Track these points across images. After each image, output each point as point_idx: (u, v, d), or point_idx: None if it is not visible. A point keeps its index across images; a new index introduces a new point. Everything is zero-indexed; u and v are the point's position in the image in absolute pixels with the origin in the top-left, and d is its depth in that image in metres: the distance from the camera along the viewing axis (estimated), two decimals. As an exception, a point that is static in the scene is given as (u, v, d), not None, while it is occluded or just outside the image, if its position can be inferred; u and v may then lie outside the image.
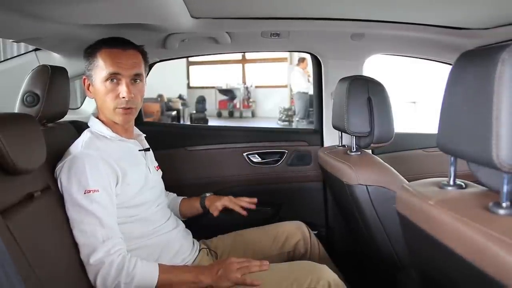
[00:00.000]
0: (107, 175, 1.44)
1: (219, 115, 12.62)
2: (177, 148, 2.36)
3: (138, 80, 1.56)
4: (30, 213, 1.22)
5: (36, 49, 1.96)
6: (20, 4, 1.20)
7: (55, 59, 1.97)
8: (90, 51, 1.56)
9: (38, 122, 1.52)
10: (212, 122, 11.26)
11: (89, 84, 1.57)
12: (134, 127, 1.70)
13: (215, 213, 1.84)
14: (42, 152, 1.30)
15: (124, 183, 1.48)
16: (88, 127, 1.59)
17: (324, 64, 2.37)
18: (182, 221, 1.82)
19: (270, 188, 2.38)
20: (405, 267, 1.63)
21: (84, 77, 1.59)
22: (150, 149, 1.73)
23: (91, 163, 1.41)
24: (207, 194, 1.92)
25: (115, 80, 1.51)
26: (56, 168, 1.45)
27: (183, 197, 1.96)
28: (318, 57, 2.37)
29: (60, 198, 1.41)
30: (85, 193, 1.37)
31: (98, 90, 1.54)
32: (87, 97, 2.36)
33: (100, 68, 1.51)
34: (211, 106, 12.15)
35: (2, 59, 2.70)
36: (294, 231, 1.90)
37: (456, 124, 0.89)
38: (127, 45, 1.56)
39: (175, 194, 1.97)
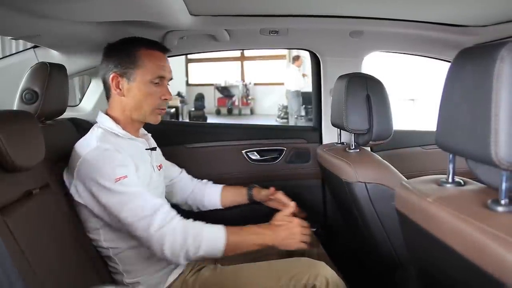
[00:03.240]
0: (128, 161, 1.45)
1: (218, 112, 12.62)
2: (175, 145, 2.36)
3: (168, 84, 1.62)
4: (28, 210, 1.22)
5: (34, 47, 1.95)
6: (18, 1, 1.20)
7: (54, 56, 1.96)
8: (128, 50, 1.55)
9: (37, 119, 1.52)
10: (211, 120, 11.27)
11: (119, 82, 1.54)
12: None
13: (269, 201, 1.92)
14: (40, 150, 1.30)
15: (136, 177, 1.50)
16: (89, 124, 1.59)
17: (323, 61, 2.37)
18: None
19: (268, 185, 2.37)
20: (403, 264, 1.63)
21: (113, 74, 1.54)
22: (157, 148, 1.74)
23: (111, 155, 1.42)
24: (252, 185, 1.96)
25: (159, 82, 1.55)
26: (74, 163, 1.44)
27: (222, 185, 1.97)
28: (317, 54, 2.37)
29: (59, 196, 1.41)
30: (116, 182, 1.38)
31: (137, 90, 1.54)
32: (85, 95, 2.36)
33: (145, 69, 1.52)
34: (210, 103, 12.15)
35: (1, 57, 2.70)
36: None
37: (454, 121, 0.90)
38: (164, 48, 1.61)
39: (210, 182, 1.99)
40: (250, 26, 2.04)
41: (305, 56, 8.85)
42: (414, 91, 7.92)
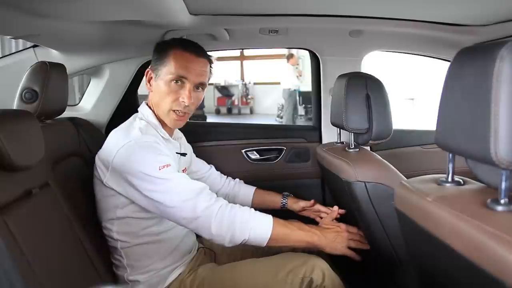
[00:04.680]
0: (169, 154, 1.49)
1: (218, 111, 12.61)
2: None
3: (200, 89, 1.60)
4: (28, 210, 1.22)
5: (34, 46, 1.95)
6: (18, 1, 1.19)
7: (54, 55, 1.96)
8: (163, 47, 1.58)
9: (37, 118, 1.51)
10: (210, 119, 11.26)
11: (151, 78, 1.59)
12: (177, 129, 1.73)
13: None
14: (40, 149, 1.30)
15: None
16: (88, 123, 1.59)
17: (322, 61, 2.37)
18: None
19: (268, 185, 2.37)
20: (403, 263, 1.63)
21: (148, 69, 1.60)
22: (187, 155, 1.75)
23: (154, 146, 1.45)
24: (286, 194, 1.98)
25: (179, 82, 1.54)
26: (112, 148, 1.46)
27: (255, 188, 1.99)
28: (317, 53, 2.37)
29: (59, 195, 1.41)
30: (160, 169, 1.40)
31: (160, 88, 1.55)
32: (85, 94, 2.36)
33: (169, 68, 1.53)
34: (210, 102, 12.14)
35: (1, 56, 2.70)
36: None
37: (454, 121, 0.90)
38: (200, 52, 1.59)
39: (242, 181, 2.03)
40: (249, 26, 2.03)
41: (304, 55, 8.85)
42: (414, 90, 7.92)
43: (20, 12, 1.29)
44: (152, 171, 1.39)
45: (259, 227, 1.42)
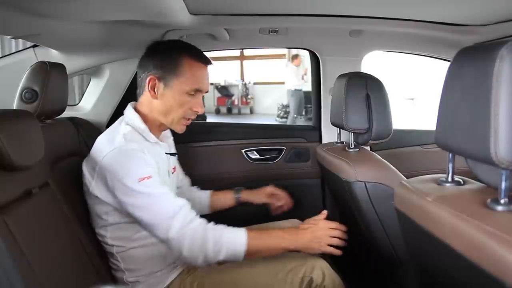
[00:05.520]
0: (153, 163, 1.45)
1: (218, 111, 12.60)
2: (175, 144, 2.35)
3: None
4: (28, 209, 1.22)
5: (34, 46, 1.95)
6: (18, 1, 1.19)
7: (54, 55, 1.96)
8: (170, 53, 1.53)
9: (37, 118, 1.51)
10: (211, 119, 11.26)
11: (155, 84, 1.52)
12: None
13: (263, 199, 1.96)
14: (40, 149, 1.29)
15: None
16: (88, 123, 1.58)
17: (322, 60, 2.37)
18: None
19: (268, 184, 2.38)
20: (403, 263, 1.63)
21: (151, 76, 1.52)
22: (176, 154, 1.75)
23: (137, 155, 1.42)
24: (238, 188, 1.98)
25: (194, 94, 1.53)
26: (97, 157, 1.44)
27: (210, 191, 1.98)
28: (317, 53, 2.37)
29: (58, 195, 1.41)
30: (139, 181, 1.38)
31: (171, 97, 1.51)
32: (85, 94, 2.36)
33: (185, 79, 1.50)
34: (209, 102, 12.13)
35: (1, 56, 2.69)
36: None
37: (454, 120, 0.90)
38: (208, 60, 1.58)
39: (195, 187, 2.00)
40: (249, 25, 2.04)
41: (304, 55, 8.85)
42: (414, 90, 7.92)
43: (20, 12, 1.29)
44: (132, 182, 1.37)
45: (233, 245, 1.39)
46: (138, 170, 1.39)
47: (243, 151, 2.39)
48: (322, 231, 1.48)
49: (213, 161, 2.38)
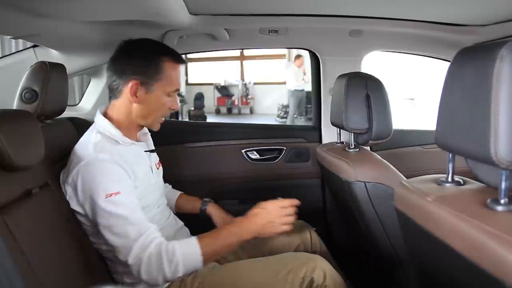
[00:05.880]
0: (124, 175, 1.42)
1: (218, 111, 12.60)
2: (175, 144, 2.36)
3: None
4: (28, 209, 1.22)
5: (34, 46, 1.95)
6: (18, 1, 1.20)
7: (54, 55, 1.96)
8: (153, 60, 1.50)
9: (37, 118, 1.51)
10: (211, 119, 11.26)
11: (137, 89, 1.49)
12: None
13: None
14: (40, 149, 1.29)
15: (134, 186, 1.47)
16: (88, 123, 1.58)
17: (322, 61, 2.37)
18: (179, 218, 1.81)
19: (268, 185, 2.38)
20: (403, 263, 1.63)
21: (135, 81, 1.48)
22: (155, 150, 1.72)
23: (107, 167, 1.39)
24: (207, 200, 1.90)
25: (172, 94, 1.55)
26: (70, 171, 1.42)
27: (181, 192, 1.96)
28: (317, 53, 2.37)
29: (58, 195, 1.41)
30: (106, 197, 1.36)
31: (154, 100, 1.51)
32: (85, 94, 2.36)
33: (167, 81, 1.51)
34: (210, 102, 12.13)
35: (1, 56, 2.69)
36: (293, 237, 1.86)
37: (454, 120, 0.90)
38: (183, 61, 1.60)
39: (170, 186, 1.97)
40: (249, 26, 2.04)
41: (306, 55, 8.85)
42: (414, 90, 7.92)
43: (20, 12, 1.30)
44: (99, 198, 1.36)
45: (188, 260, 1.37)
46: (107, 186, 1.37)
47: (243, 151, 2.39)
48: (273, 214, 1.47)
49: (213, 161, 2.38)
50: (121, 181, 1.41)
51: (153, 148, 1.72)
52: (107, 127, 1.50)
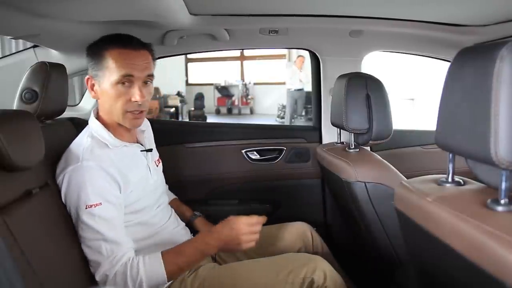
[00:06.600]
0: (109, 185, 1.40)
1: (218, 112, 12.61)
2: (175, 145, 2.36)
3: (149, 82, 1.50)
4: (28, 210, 1.22)
5: (34, 46, 1.95)
6: (18, 1, 1.20)
7: (54, 56, 1.96)
8: (96, 50, 1.48)
9: (37, 119, 1.51)
10: (211, 119, 11.27)
11: (93, 84, 1.50)
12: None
13: None
14: (40, 149, 1.29)
15: (126, 192, 1.46)
16: (87, 123, 1.58)
17: (322, 61, 2.37)
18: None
19: (268, 185, 2.38)
20: (403, 264, 1.63)
21: (88, 76, 1.51)
22: (153, 149, 1.70)
23: (92, 176, 1.37)
24: (197, 214, 1.89)
25: (127, 83, 1.44)
26: (58, 174, 1.42)
27: (175, 197, 1.96)
28: (317, 54, 2.37)
29: (58, 195, 1.41)
30: (86, 208, 1.35)
31: (106, 93, 1.46)
32: (85, 94, 2.36)
33: (111, 70, 1.43)
34: (210, 103, 12.14)
35: (1, 56, 2.70)
36: (294, 239, 1.86)
37: (454, 121, 0.90)
38: (138, 45, 1.48)
39: (167, 187, 1.94)
40: (249, 26, 2.04)
41: (306, 55, 8.85)
42: (414, 90, 7.92)
43: (20, 12, 1.30)
44: (79, 208, 1.36)
45: (151, 276, 1.37)
46: (88, 196, 1.35)
47: (243, 151, 2.39)
48: (238, 231, 1.45)
49: (213, 161, 2.38)
50: (105, 191, 1.39)
51: (153, 146, 1.71)
52: (99, 131, 1.50)
